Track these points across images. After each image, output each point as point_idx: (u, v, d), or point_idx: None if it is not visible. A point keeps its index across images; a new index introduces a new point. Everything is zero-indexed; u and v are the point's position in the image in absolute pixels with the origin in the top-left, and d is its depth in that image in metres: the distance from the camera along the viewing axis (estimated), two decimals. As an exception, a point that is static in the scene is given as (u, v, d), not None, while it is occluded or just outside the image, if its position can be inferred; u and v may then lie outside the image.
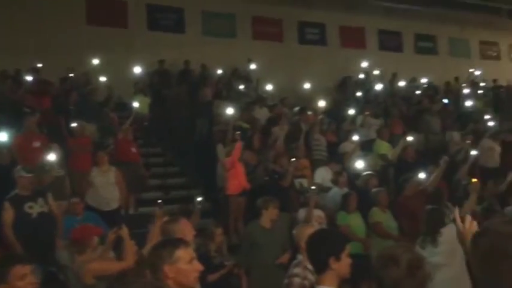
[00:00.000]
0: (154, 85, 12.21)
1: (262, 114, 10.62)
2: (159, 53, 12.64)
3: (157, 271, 2.43)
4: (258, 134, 9.24)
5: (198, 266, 2.53)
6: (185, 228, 3.57)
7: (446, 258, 4.84)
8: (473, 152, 8.31)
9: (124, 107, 11.00)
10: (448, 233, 4.94)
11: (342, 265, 2.70)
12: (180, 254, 2.45)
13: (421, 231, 5.25)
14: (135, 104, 9.81)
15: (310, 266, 3.25)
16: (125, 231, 3.88)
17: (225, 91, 11.63)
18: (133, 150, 8.58)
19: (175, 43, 13.27)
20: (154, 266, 2.47)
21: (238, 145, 7.73)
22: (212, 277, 4.82)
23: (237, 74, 12.95)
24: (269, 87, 12.19)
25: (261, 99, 11.27)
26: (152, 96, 11.52)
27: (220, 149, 8.07)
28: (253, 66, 12.85)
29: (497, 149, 9.81)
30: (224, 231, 6.93)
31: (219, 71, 12.72)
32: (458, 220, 2.22)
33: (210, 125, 10.07)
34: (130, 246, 3.92)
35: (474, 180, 6.20)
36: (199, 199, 5.43)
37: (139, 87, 11.43)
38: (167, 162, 10.24)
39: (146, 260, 2.96)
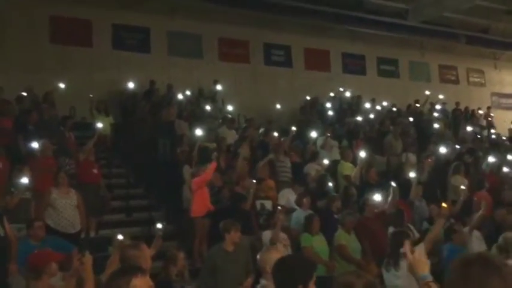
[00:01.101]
0: (120, 104, 12.08)
1: (230, 135, 10.65)
2: (124, 73, 12.53)
3: (115, 300, 2.38)
4: (224, 155, 9.24)
5: (155, 294, 2.49)
6: (145, 255, 3.51)
7: (406, 281, 4.89)
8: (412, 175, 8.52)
9: (87, 126, 10.81)
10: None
11: None
12: (136, 283, 2.41)
13: (382, 253, 5.32)
14: (99, 125, 9.67)
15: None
16: (88, 260, 3.76)
17: (189, 111, 11.60)
18: (95, 171, 8.42)
19: (140, 63, 13.20)
20: (112, 295, 2.42)
21: (213, 165, 7.67)
22: (172, 302, 4.75)
23: (202, 94, 12.98)
24: (233, 107, 12.22)
25: (230, 120, 11.30)
26: (116, 116, 11.39)
27: (186, 169, 8.01)
28: (219, 87, 12.91)
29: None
30: (188, 255, 6.90)
31: (186, 92, 12.69)
32: (409, 252, 2.29)
33: (172, 145, 10.02)
34: (90, 274, 3.81)
35: (444, 205, 6.30)
36: (159, 226, 5.34)
37: (101, 107, 11.24)
38: (130, 184, 10.09)
39: (104, 288, 2.88)
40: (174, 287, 5.01)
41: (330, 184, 8.62)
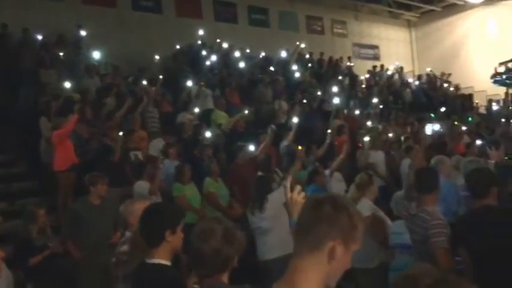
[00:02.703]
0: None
1: (93, 84, 10.05)
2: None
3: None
4: (90, 106, 8.74)
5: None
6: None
7: (272, 223, 5.15)
8: (295, 120, 8.90)
9: None
10: (274, 198, 5.26)
11: (176, 239, 2.75)
12: None
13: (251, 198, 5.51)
14: None
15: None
16: None
17: (49, 59, 10.68)
18: None
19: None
20: None
21: (74, 118, 7.20)
22: (34, 260, 4.52)
23: (64, 40, 11.98)
24: (99, 55, 11.47)
25: (92, 68, 10.61)
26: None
27: (43, 122, 7.44)
28: (83, 33, 12.01)
29: None
30: (52, 211, 6.52)
31: (43, 37, 11.59)
32: (288, 189, 2.36)
33: (35, 95, 9.23)
34: None
35: (299, 147, 6.66)
36: None
37: None
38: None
39: None
40: (36, 244, 4.73)
41: (209, 133, 8.57)
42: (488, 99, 16.99)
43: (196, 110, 9.34)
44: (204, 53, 13.35)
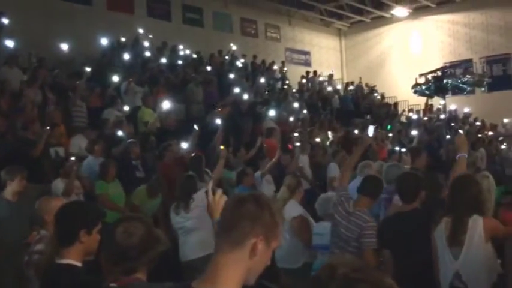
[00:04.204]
0: None
1: (13, 74, 9.48)
2: None
3: None
4: (7, 97, 8.25)
5: None
6: None
7: (197, 223, 5.10)
8: (218, 121, 8.89)
9: None
10: (200, 198, 5.21)
11: (91, 240, 2.64)
12: None
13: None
14: None
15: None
16: None
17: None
18: None
19: None
20: None
21: None
22: None
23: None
24: (21, 45, 10.84)
25: (12, 58, 10.01)
26: None
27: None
28: (5, 20, 11.31)
29: None
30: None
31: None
32: (210, 192, 2.35)
33: None
34: None
35: (222, 147, 6.65)
36: None
37: None
38: None
39: None
40: None
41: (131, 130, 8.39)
42: (409, 109, 17.90)
43: (126, 108, 9.08)
44: (134, 49, 13.03)
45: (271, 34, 20.58)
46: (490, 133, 15.36)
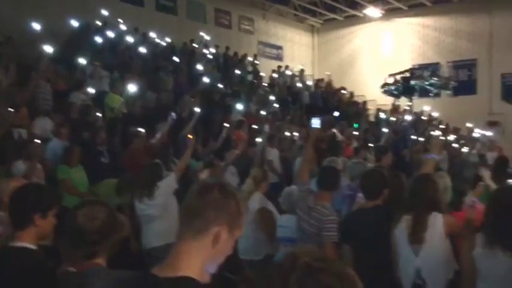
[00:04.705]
0: None
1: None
2: None
3: None
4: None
5: None
6: None
7: (161, 210, 5.07)
8: (197, 110, 8.85)
9: None
10: (165, 186, 5.18)
11: (46, 223, 2.58)
12: None
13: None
14: None
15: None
16: None
17: None
18: None
19: None
20: None
21: None
22: None
23: None
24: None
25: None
26: None
27: None
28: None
29: None
30: None
31: None
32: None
33: None
34: None
35: (190, 136, 6.59)
36: None
37: None
38: None
39: None
40: None
41: (99, 115, 8.23)
42: (377, 109, 18.19)
43: (91, 90, 8.89)
44: (104, 32, 12.76)
45: (245, 26, 20.53)
46: (453, 136, 15.77)
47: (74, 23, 12.69)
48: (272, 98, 13.86)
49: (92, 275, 2.18)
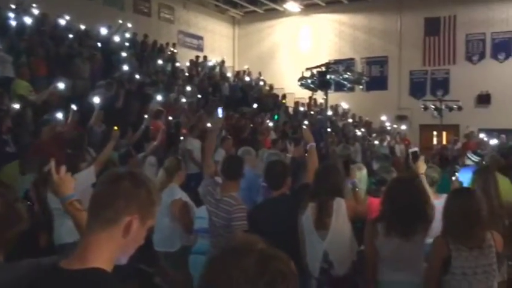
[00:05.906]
0: None
1: None
2: None
3: None
4: None
5: None
6: None
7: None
8: (97, 100, 8.59)
9: None
10: (81, 178, 4.96)
11: None
12: None
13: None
14: None
15: None
16: None
17: None
18: None
19: None
20: None
21: None
22: None
23: None
24: None
25: None
26: None
27: None
28: None
29: None
30: None
31: None
32: (54, 171, 2.29)
33: None
34: None
35: (115, 128, 6.41)
36: None
37: None
38: None
39: None
40: None
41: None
42: (295, 101, 18.63)
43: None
44: (10, 14, 11.93)
45: (165, 15, 20.11)
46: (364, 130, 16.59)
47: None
48: (189, 88, 13.77)
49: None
